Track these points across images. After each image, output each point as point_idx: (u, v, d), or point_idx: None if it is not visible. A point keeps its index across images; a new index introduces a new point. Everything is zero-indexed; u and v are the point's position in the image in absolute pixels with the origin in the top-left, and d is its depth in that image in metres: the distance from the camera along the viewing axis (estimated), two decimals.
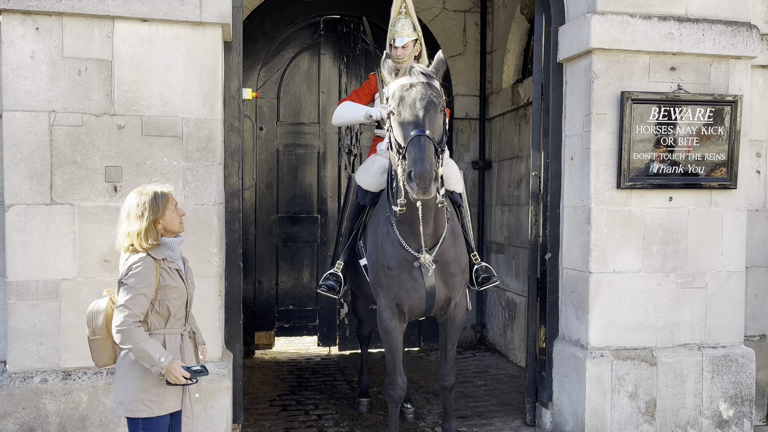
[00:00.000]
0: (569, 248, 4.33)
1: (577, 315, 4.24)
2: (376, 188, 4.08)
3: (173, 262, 2.80)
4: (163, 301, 2.75)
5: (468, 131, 6.98)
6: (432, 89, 3.22)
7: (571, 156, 4.32)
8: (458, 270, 3.77)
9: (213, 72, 3.66)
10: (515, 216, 6.35)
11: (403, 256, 3.61)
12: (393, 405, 3.88)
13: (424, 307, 3.75)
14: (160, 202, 2.76)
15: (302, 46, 6.56)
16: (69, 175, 3.50)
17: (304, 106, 6.63)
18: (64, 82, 3.48)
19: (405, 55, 4.35)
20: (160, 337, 2.76)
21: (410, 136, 3.04)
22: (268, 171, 6.55)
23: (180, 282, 2.80)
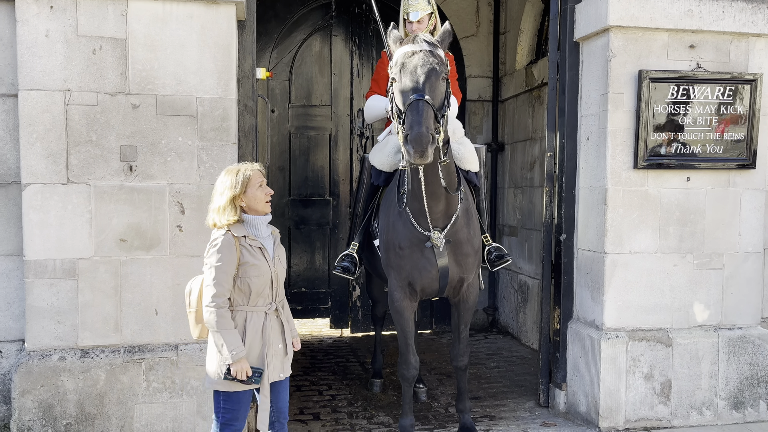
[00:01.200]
0: (584, 229, 4.30)
1: (592, 296, 4.22)
2: (390, 168, 4.05)
3: (255, 239, 2.86)
4: (244, 278, 2.81)
5: (481, 113, 6.93)
6: (434, 57, 3.19)
7: (587, 136, 4.28)
8: (471, 250, 3.75)
9: (227, 51, 3.65)
10: (528, 198, 6.31)
11: (415, 236, 3.59)
12: (406, 384, 3.89)
13: (437, 287, 3.74)
14: (241, 179, 2.84)
15: (314, 27, 6.52)
16: (85, 154, 3.51)
17: (315, 88, 6.61)
18: (79, 61, 3.48)
19: (420, 30, 4.26)
20: (243, 314, 2.83)
21: (409, 101, 3.04)
22: (280, 153, 6.54)
23: (262, 260, 2.85)
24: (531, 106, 6.25)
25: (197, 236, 3.65)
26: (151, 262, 3.61)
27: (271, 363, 2.88)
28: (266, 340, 2.86)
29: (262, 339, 2.85)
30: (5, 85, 3.58)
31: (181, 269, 3.64)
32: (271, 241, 2.97)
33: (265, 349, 2.86)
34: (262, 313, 2.87)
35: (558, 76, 4.44)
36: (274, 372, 2.91)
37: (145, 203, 3.58)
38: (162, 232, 3.61)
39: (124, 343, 3.60)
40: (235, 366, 2.75)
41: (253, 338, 2.84)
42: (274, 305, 2.92)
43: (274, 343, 2.91)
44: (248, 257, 2.82)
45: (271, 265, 2.90)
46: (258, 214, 2.90)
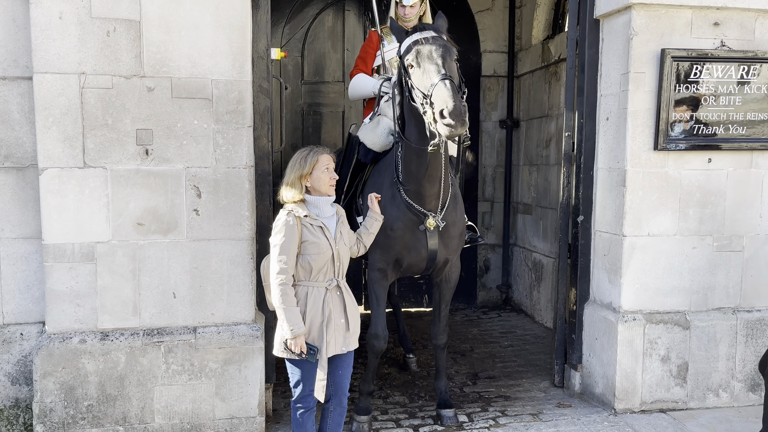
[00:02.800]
0: (602, 211, 4.27)
1: (610, 278, 4.21)
2: (380, 148, 4.14)
3: (317, 219, 3.06)
4: (305, 255, 3.01)
5: (496, 89, 6.85)
6: (444, 41, 3.34)
7: (606, 116, 4.22)
8: (457, 233, 3.87)
9: (242, 31, 3.60)
10: (543, 176, 6.27)
11: (409, 218, 3.70)
12: (373, 356, 3.95)
13: (423, 267, 3.86)
14: (308, 160, 3.06)
15: (326, 1, 6.43)
16: (101, 138, 3.50)
17: (328, 64, 6.54)
18: (93, 44, 3.45)
19: (412, 14, 4.41)
20: (304, 289, 3.03)
21: (435, 82, 3.14)
22: (293, 131, 6.51)
23: (322, 238, 3.03)
24: (547, 83, 6.16)
25: (214, 220, 3.66)
26: (169, 246, 3.62)
27: (333, 337, 3.06)
28: (326, 315, 3.03)
29: (322, 314, 3.03)
30: (20, 68, 3.56)
31: (199, 253, 3.66)
32: (334, 220, 3.15)
33: (324, 324, 3.03)
34: (322, 288, 3.05)
35: (577, 53, 4.36)
36: (336, 346, 3.08)
37: (161, 187, 3.58)
38: (179, 215, 3.62)
39: (143, 326, 3.64)
40: (292, 341, 2.96)
41: (314, 312, 3.03)
42: (334, 281, 3.09)
43: (336, 317, 3.07)
44: (308, 236, 3.02)
45: (332, 243, 3.07)
46: (321, 195, 3.09)
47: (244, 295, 3.73)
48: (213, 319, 3.70)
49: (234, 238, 3.69)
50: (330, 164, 3.10)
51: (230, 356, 3.67)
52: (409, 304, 6.76)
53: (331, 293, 3.07)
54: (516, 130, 6.85)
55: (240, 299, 3.72)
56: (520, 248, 6.82)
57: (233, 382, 3.68)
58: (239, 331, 3.71)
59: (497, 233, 7.02)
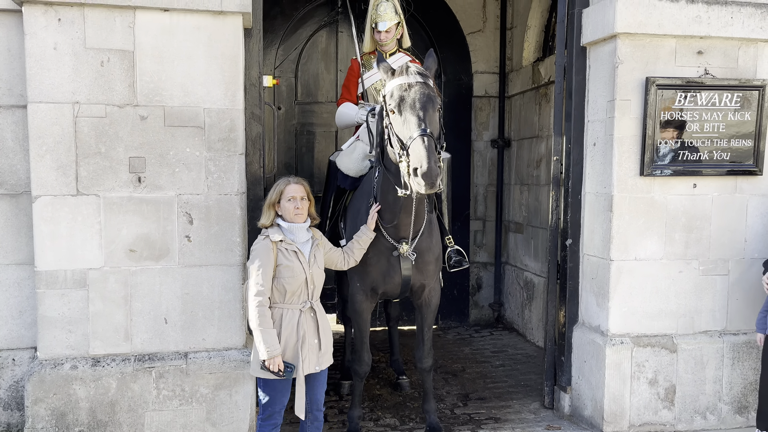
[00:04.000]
0: (590, 234, 4.33)
1: (598, 302, 4.26)
2: (356, 173, 4.21)
3: (292, 243, 3.23)
4: (279, 278, 3.17)
5: (487, 109, 6.93)
6: (429, 88, 3.32)
7: (593, 142, 4.29)
8: (432, 258, 3.91)
9: (234, 61, 3.66)
10: (534, 196, 6.33)
11: (383, 245, 3.76)
12: (358, 379, 4.07)
13: (398, 292, 3.94)
14: (276, 189, 3.29)
15: (320, 23, 6.51)
16: (94, 166, 3.55)
17: (321, 84, 6.61)
18: (87, 74, 3.50)
19: (388, 39, 4.42)
20: (279, 311, 3.18)
21: (413, 136, 3.15)
22: (286, 150, 6.57)
23: (296, 262, 3.20)
24: (538, 104, 6.24)
25: (205, 246, 3.70)
26: (160, 272, 3.67)
27: (306, 357, 3.21)
28: (300, 336, 3.19)
29: (296, 334, 3.18)
30: (15, 96, 3.62)
31: (190, 279, 3.70)
32: (309, 244, 3.31)
33: (299, 344, 3.19)
34: (297, 310, 3.20)
35: (564, 79, 4.44)
36: (310, 365, 3.24)
37: (153, 214, 3.63)
38: (171, 242, 3.66)
39: (134, 352, 3.67)
40: (269, 361, 3.09)
41: (289, 333, 3.18)
42: (308, 303, 3.23)
43: (309, 338, 3.23)
44: (283, 260, 3.18)
45: (306, 267, 3.23)
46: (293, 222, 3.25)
47: (235, 321, 3.77)
48: (204, 345, 3.74)
49: (225, 264, 3.73)
50: (296, 194, 3.27)
51: (221, 381, 3.71)
52: (403, 322, 6.80)
53: (305, 315, 3.23)
54: (507, 149, 6.92)
55: (231, 325, 3.76)
56: (511, 267, 6.87)
57: (224, 407, 3.72)
58: (230, 356, 3.74)
59: (489, 252, 7.08)
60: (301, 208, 3.27)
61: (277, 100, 6.44)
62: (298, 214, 3.27)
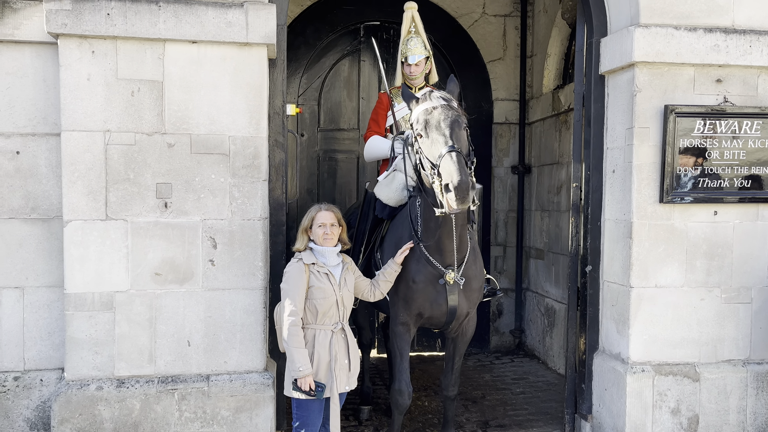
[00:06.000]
0: (610, 261, 4.35)
1: (618, 329, 4.26)
2: (396, 203, 4.26)
3: (323, 266, 3.42)
4: (311, 299, 3.34)
5: (507, 136, 7.01)
6: (453, 110, 3.44)
7: (612, 169, 4.34)
8: (477, 286, 3.94)
9: (259, 91, 3.80)
10: (555, 222, 6.36)
11: (430, 272, 3.78)
12: (398, 413, 4.02)
13: (444, 321, 3.92)
14: (308, 216, 3.49)
15: (343, 52, 6.68)
16: (123, 191, 3.70)
17: (344, 112, 6.76)
18: (118, 103, 3.67)
19: (417, 72, 4.60)
20: (312, 331, 3.35)
21: (442, 153, 3.25)
22: (309, 176, 6.69)
23: (327, 284, 3.37)
24: (558, 131, 6.31)
25: (228, 270, 3.81)
26: (184, 295, 3.78)
27: (338, 376, 3.38)
28: (333, 355, 3.35)
29: (329, 354, 3.35)
30: (49, 125, 3.79)
31: (213, 302, 3.80)
32: (340, 268, 3.49)
33: (332, 363, 3.35)
34: (329, 331, 3.37)
35: (583, 107, 4.51)
36: (341, 384, 3.40)
37: (179, 238, 3.75)
38: (195, 266, 3.78)
39: (158, 374, 3.76)
40: (301, 381, 3.24)
41: (321, 353, 3.34)
42: (339, 325, 3.40)
43: (341, 358, 3.39)
44: (315, 281, 3.35)
45: (336, 289, 3.39)
46: (323, 246, 3.43)
47: (257, 344, 3.85)
48: (226, 367, 3.82)
49: (247, 288, 3.83)
50: (325, 221, 3.44)
51: (242, 404, 3.78)
52: (422, 347, 6.83)
53: (337, 335, 3.39)
54: (528, 175, 6.98)
55: (252, 348, 3.84)
56: (532, 293, 6.88)
57: (244, 429, 3.78)
58: (251, 379, 3.82)
59: (510, 278, 7.09)
60: (330, 234, 3.43)
61: (300, 127, 6.59)
62: (327, 239, 3.43)
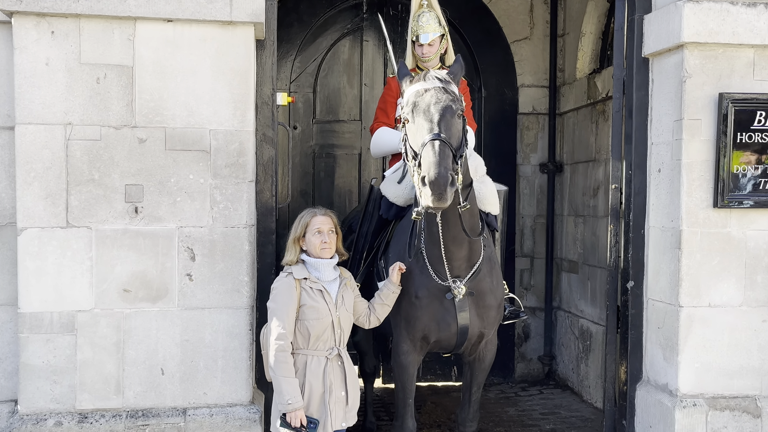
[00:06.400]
0: (655, 276, 4.30)
1: (665, 355, 4.21)
2: (404, 202, 4.19)
3: (317, 282, 3.34)
4: (303, 320, 3.26)
5: (535, 128, 6.96)
6: (448, 93, 3.38)
7: (658, 168, 4.29)
8: (494, 302, 3.87)
9: (244, 77, 3.78)
10: (591, 229, 6.31)
11: (434, 285, 3.71)
12: None
13: (454, 343, 3.85)
14: (301, 222, 3.41)
15: (342, 31, 6.65)
16: (86, 194, 3.68)
17: (343, 101, 6.73)
18: (82, 92, 3.66)
19: (431, 53, 4.47)
20: (303, 358, 3.27)
21: (425, 141, 3.20)
22: (302, 176, 6.66)
23: (321, 302, 3.30)
24: (594, 122, 6.27)
25: (209, 286, 3.79)
26: (158, 315, 3.76)
27: (334, 410, 3.28)
28: (327, 386, 3.27)
29: (323, 384, 3.27)
30: (1, 117, 3.78)
31: (191, 323, 3.78)
32: (336, 284, 3.42)
33: (326, 395, 3.26)
34: (323, 357, 3.29)
35: (624, 95, 4.47)
36: (337, 420, 3.30)
37: (151, 249, 3.73)
38: (170, 281, 3.76)
39: (126, 407, 3.74)
40: (290, 415, 3.15)
41: (314, 383, 3.26)
42: (335, 350, 3.33)
43: (336, 390, 3.30)
44: (307, 299, 3.28)
45: (332, 308, 3.32)
46: (318, 258, 3.34)
47: (241, 372, 3.83)
48: (205, 400, 3.80)
49: (231, 307, 3.81)
50: (323, 226, 3.37)
51: None
52: (434, 376, 6.78)
53: (332, 363, 3.32)
54: (559, 175, 6.93)
55: (236, 377, 3.82)
56: (564, 312, 6.83)
57: None
58: (235, 413, 3.79)
59: (538, 295, 7.04)
60: (328, 242, 3.37)
61: (293, 118, 6.56)
62: (325, 249, 3.37)
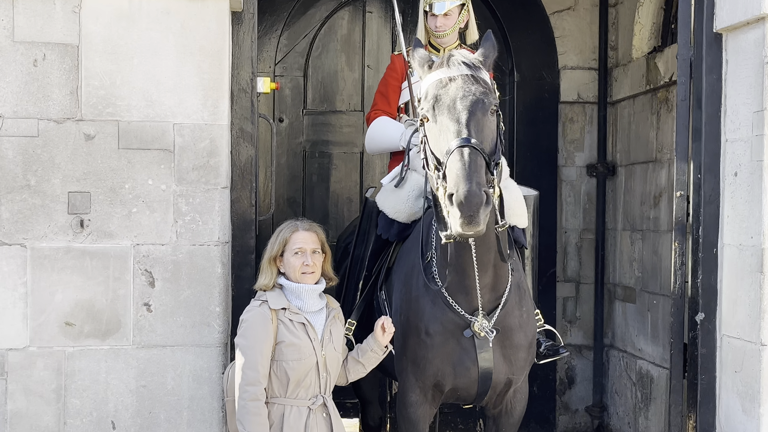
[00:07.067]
0: (731, 307, 4.32)
1: (744, 406, 4.23)
2: (406, 218, 4.19)
3: (298, 313, 3.34)
4: (280, 361, 3.27)
5: (581, 121, 7.00)
6: (479, 83, 3.36)
7: (734, 170, 4.32)
8: (524, 341, 3.86)
9: (217, 58, 3.86)
10: (652, 247, 6.33)
11: (451, 319, 3.70)
12: None
13: (475, 392, 3.84)
14: (278, 239, 3.43)
15: (339, 1, 6.71)
16: (19, 204, 3.74)
17: (341, 86, 6.79)
18: (15, 77, 3.73)
19: (447, 27, 4.52)
20: (279, 408, 3.27)
21: (451, 149, 3.17)
22: (290, 180, 6.71)
23: (304, 339, 3.28)
24: (655, 113, 6.30)
25: (171, 318, 3.84)
26: (108, 355, 3.80)
27: None
28: None
29: None
30: None
31: (149, 365, 3.83)
32: (322, 315, 3.41)
33: None
34: (304, 408, 3.29)
35: (692, 80, 4.50)
36: None
37: (100, 272, 3.79)
38: (123, 312, 3.81)
39: None
40: None
41: None
42: (320, 399, 3.31)
43: None
44: (286, 334, 3.28)
45: (317, 346, 3.29)
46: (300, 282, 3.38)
47: (212, 427, 3.86)
48: None
49: (199, 345, 3.85)
50: (304, 245, 3.39)
51: None
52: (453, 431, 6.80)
53: (316, 415, 3.31)
54: (611, 179, 6.96)
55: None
56: (619, 352, 6.84)
57: None
58: None
59: (585, 329, 7.05)
60: (311, 265, 3.38)
61: (278, 109, 6.62)
62: (307, 273, 3.38)
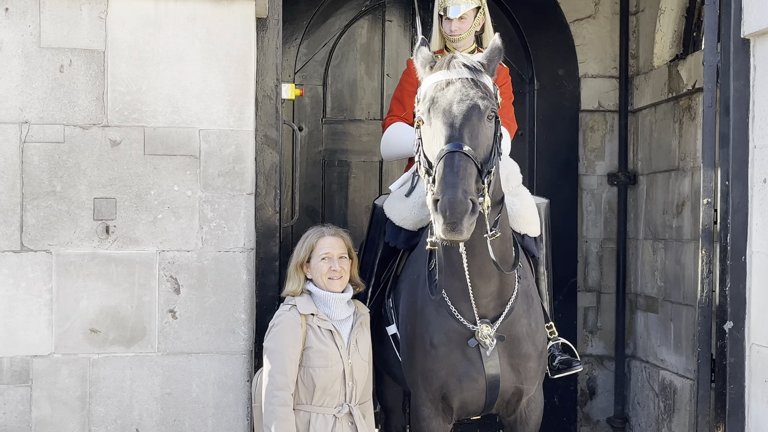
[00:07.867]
0: (761, 315, 4.28)
1: None
2: (413, 225, 4.17)
3: (326, 320, 3.38)
4: (307, 367, 3.32)
5: (601, 129, 6.98)
6: (478, 88, 3.32)
7: (762, 177, 4.29)
8: (533, 350, 3.84)
9: (243, 64, 3.86)
10: (675, 257, 6.30)
11: (454, 329, 3.69)
12: None
13: (483, 403, 3.83)
14: (305, 245, 3.48)
15: (359, 9, 6.71)
16: (45, 210, 3.75)
17: (360, 95, 6.78)
18: (42, 82, 3.74)
19: (462, 31, 4.48)
20: (305, 416, 3.30)
21: (441, 153, 3.13)
22: (309, 189, 6.69)
23: (331, 346, 3.30)
24: (677, 121, 6.28)
25: (196, 325, 3.84)
26: (133, 362, 3.79)
27: None
28: None
29: None
30: None
31: (174, 372, 3.82)
32: (349, 323, 3.43)
33: None
34: (330, 416, 3.33)
35: (718, 87, 4.48)
36: None
37: (125, 279, 3.79)
38: (148, 319, 3.80)
39: None
40: None
41: None
42: (347, 407, 3.33)
43: None
44: (313, 341, 3.34)
45: (343, 354, 3.32)
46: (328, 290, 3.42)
47: None
48: None
49: (224, 352, 3.84)
50: (331, 251, 3.42)
51: None
52: None
53: (342, 423, 3.33)
54: (632, 187, 6.94)
55: None
56: (641, 363, 6.80)
57: None
58: None
59: (607, 340, 7.02)
60: (339, 270, 3.40)
61: (298, 117, 6.62)
62: (334, 278, 3.40)
